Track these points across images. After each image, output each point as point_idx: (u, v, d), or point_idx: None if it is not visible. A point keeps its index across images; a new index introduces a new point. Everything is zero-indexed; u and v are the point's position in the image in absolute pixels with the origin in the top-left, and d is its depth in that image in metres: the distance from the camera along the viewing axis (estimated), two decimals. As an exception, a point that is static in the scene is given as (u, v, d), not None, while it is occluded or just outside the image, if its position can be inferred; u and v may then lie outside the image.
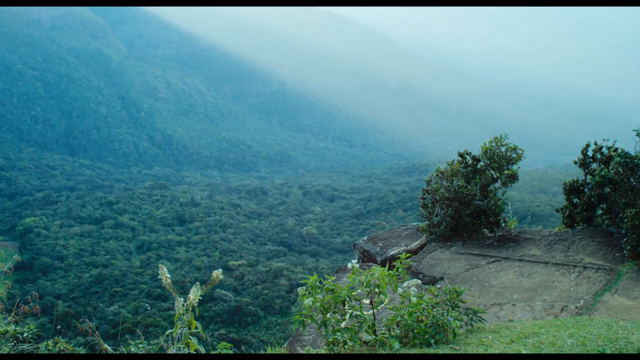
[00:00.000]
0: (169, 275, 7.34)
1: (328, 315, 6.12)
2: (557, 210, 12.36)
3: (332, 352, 5.93)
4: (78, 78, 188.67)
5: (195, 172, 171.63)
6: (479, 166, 11.23)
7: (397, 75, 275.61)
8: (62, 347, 6.16)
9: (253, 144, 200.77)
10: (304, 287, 6.37)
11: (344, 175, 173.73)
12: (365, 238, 11.70)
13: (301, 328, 6.30)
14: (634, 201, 10.55)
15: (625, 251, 10.15)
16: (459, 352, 5.75)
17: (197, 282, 7.21)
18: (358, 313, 6.33)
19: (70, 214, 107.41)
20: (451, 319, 6.25)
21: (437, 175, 11.14)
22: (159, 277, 7.52)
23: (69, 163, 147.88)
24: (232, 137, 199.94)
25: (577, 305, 9.07)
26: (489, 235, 11.21)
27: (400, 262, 6.61)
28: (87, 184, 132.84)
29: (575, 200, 12.14)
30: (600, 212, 12.18)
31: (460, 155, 11.32)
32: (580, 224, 11.77)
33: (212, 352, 5.70)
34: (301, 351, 6.83)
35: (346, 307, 6.35)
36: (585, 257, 10.33)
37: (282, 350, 7.16)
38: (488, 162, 11.02)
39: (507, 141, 10.95)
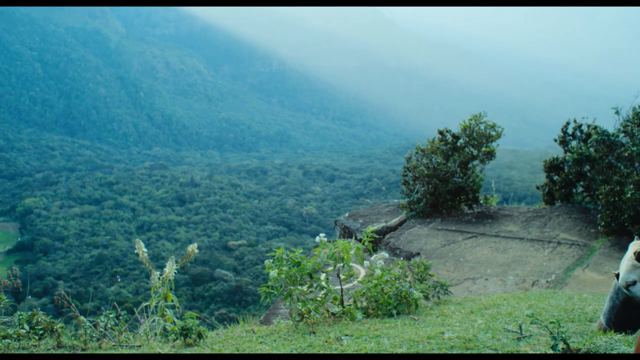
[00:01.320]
0: (145, 250, 7.53)
1: (292, 287, 6.30)
2: (537, 188, 12.52)
3: (296, 323, 6.13)
4: (77, 58, 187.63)
5: (195, 152, 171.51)
6: (458, 144, 11.34)
7: (397, 55, 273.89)
8: (39, 319, 6.33)
9: (253, 123, 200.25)
10: (271, 260, 6.55)
11: (344, 155, 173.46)
12: (347, 215, 11.86)
13: (268, 300, 6.49)
14: (610, 178, 10.69)
15: (599, 227, 10.33)
16: (417, 321, 5.95)
17: (172, 256, 7.40)
18: (323, 285, 6.52)
19: (70, 194, 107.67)
20: (413, 291, 6.44)
21: (416, 152, 11.25)
22: (136, 251, 7.71)
23: (69, 144, 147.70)
24: (232, 117, 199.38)
25: (549, 279, 9.27)
26: (468, 211, 11.37)
27: (367, 236, 6.78)
28: (87, 164, 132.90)
29: (556, 177, 12.29)
30: (581, 189, 12.34)
31: (440, 132, 11.43)
32: (559, 201, 11.93)
33: (179, 321, 5.88)
34: (274, 322, 7.05)
35: (312, 280, 6.53)
36: (561, 233, 10.51)
37: (254, 321, 7.36)
38: (467, 139, 11.13)
39: (485, 118, 11.04)
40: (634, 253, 4.16)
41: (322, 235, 6.85)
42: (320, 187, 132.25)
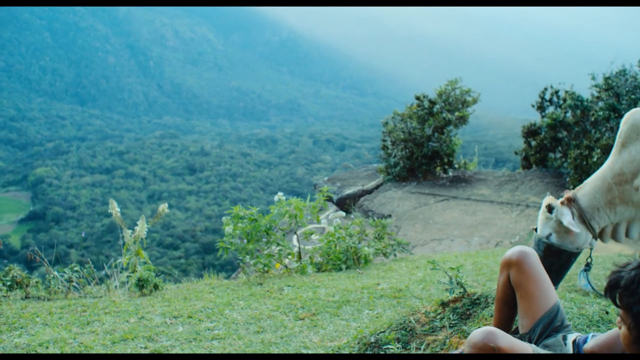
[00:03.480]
0: (118, 210, 7.93)
1: (246, 243, 6.65)
2: (516, 153, 12.71)
3: (248, 277, 6.49)
4: (86, 27, 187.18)
5: (205, 121, 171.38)
6: (435, 109, 11.53)
7: (407, 23, 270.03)
8: (14, 274, 6.74)
9: (263, 92, 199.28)
10: (229, 217, 6.89)
11: (354, 124, 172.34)
12: (326, 179, 12.16)
13: (225, 256, 6.86)
14: (582, 143, 10.87)
15: (568, 190, 10.54)
16: (361, 274, 6.29)
17: (143, 215, 7.78)
18: (279, 242, 6.86)
19: (81, 164, 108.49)
20: (362, 247, 6.77)
21: (393, 117, 11.47)
22: (109, 210, 8.12)
23: (79, 113, 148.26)
24: (242, 86, 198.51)
25: (513, 240, 9.56)
26: (443, 176, 11.63)
27: (322, 194, 7.09)
28: (97, 133, 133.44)
29: (533, 142, 12.47)
30: (559, 154, 12.52)
31: (418, 98, 11.60)
32: (535, 165, 12.13)
33: (138, 273, 6.26)
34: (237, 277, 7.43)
35: (269, 237, 6.88)
36: (531, 197, 10.75)
37: (218, 277, 7.73)
38: (443, 104, 11.32)
39: (460, 84, 11.20)
40: (546, 206, 4.41)
41: (280, 194, 7.17)
42: (330, 156, 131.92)
